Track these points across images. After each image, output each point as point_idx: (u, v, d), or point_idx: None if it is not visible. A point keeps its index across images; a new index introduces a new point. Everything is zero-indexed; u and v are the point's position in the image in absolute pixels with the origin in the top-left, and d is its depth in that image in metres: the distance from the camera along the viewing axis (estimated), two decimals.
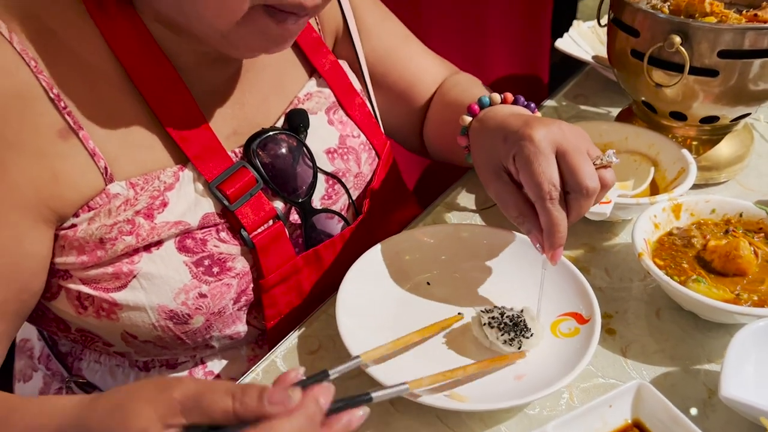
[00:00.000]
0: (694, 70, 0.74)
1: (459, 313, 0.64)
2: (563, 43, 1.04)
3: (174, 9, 0.54)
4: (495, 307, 0.62)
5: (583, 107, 1.01)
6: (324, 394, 0.43)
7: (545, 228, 0.57)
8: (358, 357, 0.55)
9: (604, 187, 0.58)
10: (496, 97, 0.68)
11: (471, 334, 0.62)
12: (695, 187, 0.83)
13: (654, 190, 0.79)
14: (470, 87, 0.79)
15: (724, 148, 0.84)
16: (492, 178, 0.62)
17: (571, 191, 0.57)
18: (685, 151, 0.78)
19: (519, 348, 0.59)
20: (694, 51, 0.73)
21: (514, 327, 0.60)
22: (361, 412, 0.44)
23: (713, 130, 0.83)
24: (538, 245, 0.59)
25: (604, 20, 0.87)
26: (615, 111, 0.99)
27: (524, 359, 0.60)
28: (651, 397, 0.54)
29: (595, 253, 0.75)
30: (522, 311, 0.62)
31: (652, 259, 0.66)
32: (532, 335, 0.60)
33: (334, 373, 0.50)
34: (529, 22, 1.43)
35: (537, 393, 0.55)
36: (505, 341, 0.59)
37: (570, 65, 1.09)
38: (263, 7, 0.52)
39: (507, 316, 0.61)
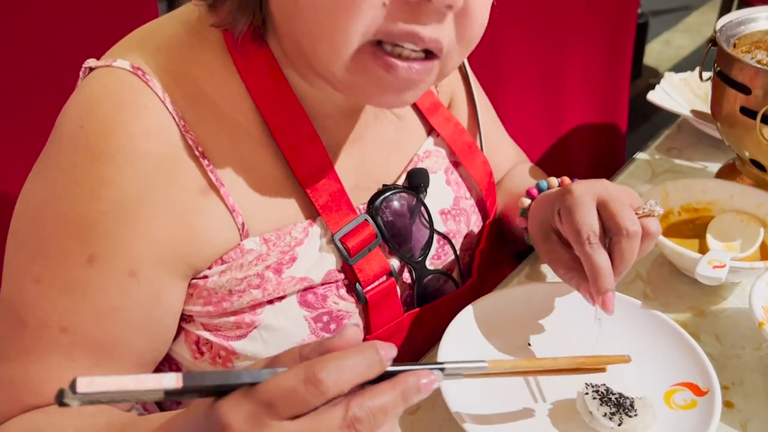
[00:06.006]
0: None
1: (628, 356, 0.58)
2: (656, 96, 1.02)
3: (297, 50, 0.55)
4: (602, 384, 0.59)
5: (677, 161, 0.98)
6: (384, 347, 0.41)
7: (589, 273, 0.58)
8: (484, 362, 0.49)
9: (648, 235, 0.59)
10: (553, 181, 0.72)
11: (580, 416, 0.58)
12: None
13: (765, 252, 0.75)
14: (535, 176, 0.84)
15: None
16: (542, 242, 0.65)
17: (612, 236, 0.58)
18: None
19: (620, 425, 0.56)
20: None
21: (619, 405, 0.57)
22: (431, 377, 0.42)
23: None
24: (587, 296, 0.60)
25: (704, 75, 0.85)
26: (711, 165, 0.96)
27: None
28: None
29: (704, 318, 0.71)
30: (639, 399, 0.58)
31: None
32: (636, 415, 0.56)
33: (451, 367, 0.45)
34: (609, 71, 1.42)
35: None
36: (605, 414, 0.57)
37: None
38: (372, 51, 0.51)
39: (614, 394, 0.58)
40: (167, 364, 0.65)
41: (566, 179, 0.72)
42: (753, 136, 0.74)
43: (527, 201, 0.71)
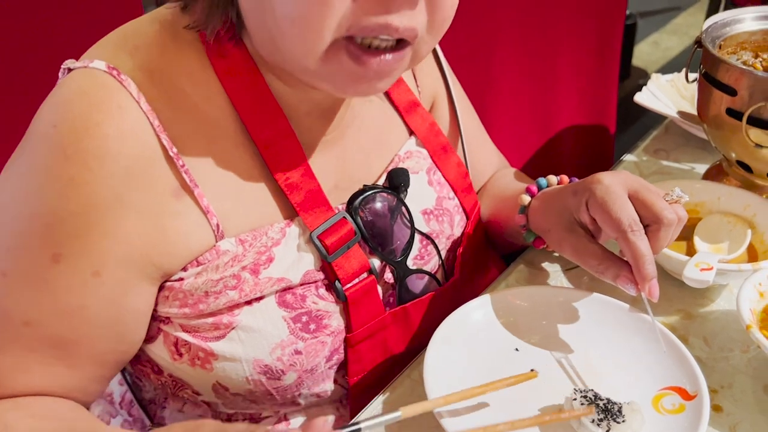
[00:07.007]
0: None
1: (532, 370, 0.60)
2: (642, 97, 1.02)
3: (270, 49, 0.55)
4: (590, 389, 0.59)
5: (664, 163, 0.98)
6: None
7: (633, 261, 0.58)
8: (397, 411, 0.52)
9: (679, 221, 0.60)
10: (553, 179, 0.72)
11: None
12: None
13: (752, 254, 0.75)
14: (521, 179, 0.83)
15: None
16: (566, 236, 0.64)
17: (650, 224, 0.59)
18: None
19: (608, 431, 0.55)
20: None
21: (606, 411, 0.57)
22: None
23: None
24: (629, 285, 0.60)
25: (690, 76, 0.85)
26: (698, 167, 0.96)
27: None
28: None
29: (692, 321, 0.71)
30: (627, 404, 0.57)
31: (760, 330, 0.63)
32: (624, 421, 0.56)
33: (366, 427, 0.48)
34: (598, 73, 1.42)
35: None
36: (593, 420, 0.56)
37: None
38: (344, 45, 0.50)
39: (601, 399, 0.57)
40: (149, 365, 0.65)
41: (565, 177, 0.72)
42: (739, 137, 0.74)
43: (527, 198, 0.71)
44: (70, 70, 0.56)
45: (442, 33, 0.54)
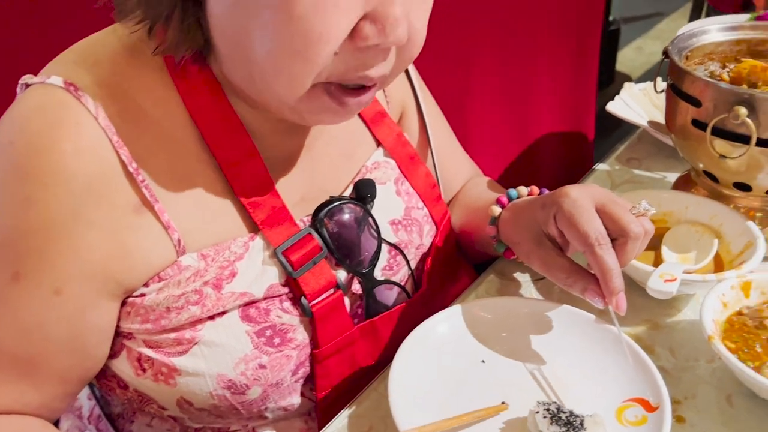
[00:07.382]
0: (760, 142, 0.71)
1: (503, 402, 0.60)
2: (615, 107, 1.02)
3: (246, 81, 0.55)
4: (554, 402, 0.59)
5: (636, 171, 0.98)
6: None
7: (600, 275, 0.59)
8: None
9: (645, 234, 0.61)
10: (523, 190, 0.72)
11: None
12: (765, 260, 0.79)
13: (718, 263, 0.76)
14: (493, 188, 0.84)
15: None
16: (534, 248, 0.65)
17: (618, 237, 0.60)
18: (751, 224, 0.75)
19: None
20: (760, 122, 0.71)
21: (569, 424, 0.57)
22: None
23: None
24: (597, 298, 0.60)
25: (659, 86, 0.85)
26: (670, 176, 0.96)
27: None
28: None
29: (659, 331, 0.71)
30: (590, 416, 0.57)
31: (722, 341, 0.63)
32: None
33: None
34: (576, 80, 1.43)
35: None
36: None
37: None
38: (324, 87, 0.52)
39: (564, 412, 0.57)
40: (114, 380, 0.65)
41: (535, 189, 0.72)
42: (705, 148, 0.75)
43: (498, 209, 0.71)
44: (28, 85, 0.55)
45: (408, 65, 0.57)
